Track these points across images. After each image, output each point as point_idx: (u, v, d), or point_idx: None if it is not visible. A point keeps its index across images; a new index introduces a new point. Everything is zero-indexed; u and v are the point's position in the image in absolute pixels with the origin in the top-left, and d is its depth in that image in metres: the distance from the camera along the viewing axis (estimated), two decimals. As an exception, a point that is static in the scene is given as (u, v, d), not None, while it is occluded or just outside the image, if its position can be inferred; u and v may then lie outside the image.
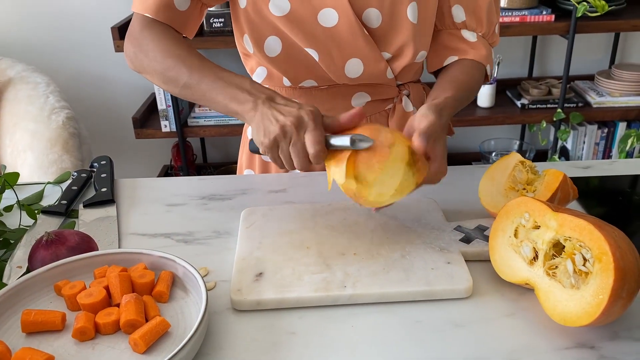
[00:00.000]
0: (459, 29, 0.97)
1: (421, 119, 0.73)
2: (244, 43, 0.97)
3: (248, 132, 1.09)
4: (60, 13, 2.39)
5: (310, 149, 0.70)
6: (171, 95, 2.21)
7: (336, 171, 0.70)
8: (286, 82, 0.98)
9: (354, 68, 0.94)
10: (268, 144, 0.73)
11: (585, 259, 0.60)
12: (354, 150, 0.69)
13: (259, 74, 1.01)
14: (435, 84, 0.93)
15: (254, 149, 0.83)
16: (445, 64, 0.99)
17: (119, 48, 2.13)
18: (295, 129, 0.71)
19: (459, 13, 0.95)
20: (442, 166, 0.74)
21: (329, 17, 0.89)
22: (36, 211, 0.88)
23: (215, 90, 0.79)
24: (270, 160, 0.84)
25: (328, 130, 0.73)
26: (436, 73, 1.03)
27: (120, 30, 2.12)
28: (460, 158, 2.64)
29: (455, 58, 0.97)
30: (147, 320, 0.63)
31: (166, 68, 0.84)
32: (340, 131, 0.73)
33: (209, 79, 0.80)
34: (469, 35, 0.97)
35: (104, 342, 0.62)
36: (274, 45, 0.93)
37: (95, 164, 1.03)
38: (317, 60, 0.92)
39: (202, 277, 0.67)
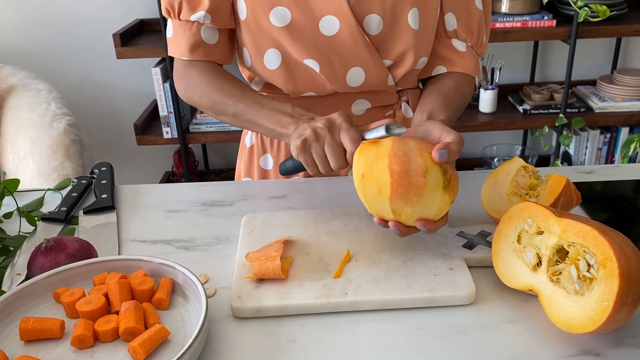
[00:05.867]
0: (450, 37, 0.97)
1: (445, 133, 0.71)
2: (244, 57, 0.97)
3: (246, 140, 1.09)
4: (62, 20, 2.40)
5: (350, 147, 0.73)
6: (172, 102, 2.22)
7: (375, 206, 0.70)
8: (285, 91, 0.98)
9: (356, 77, 0.93)
10: (299, 145, 0.76)
11: (589, 265, 0.60)
12: (391, 184, 0.66)
13: (257, 82, 1.01)
14: (425, 97, 0.92)
15: (284, 170, 0.87)
16: (433, 73, 0.99)
17: (120, 55, 2.13)
18: (328, 131, 0.75)
19: (451, 21, 0.95)
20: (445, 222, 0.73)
21: (330, 25, 0.89)
22: (36, 218, 0.88)
23: (260, 117, 0.86)
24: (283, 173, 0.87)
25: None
26: (423, 81, 1.03)
27: (122, 37, 2.13)
28: (462, 164, 2.63)
29: (444, 69, 0.98)
30: (146, 328, 0.62)
31: (214, 103, 0.92)
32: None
33: (254, 108, 0.88)
34: (459, 45, 0.97)
35: (102, 350, 0.61)
36: (273, 58, 0.93)
37: (96, 170, 1.02)
38: (317, 71, 0.92)
39: (202, 284, 0.66)
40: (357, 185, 0.71)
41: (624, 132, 2.45)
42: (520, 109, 2.38)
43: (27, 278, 0.73)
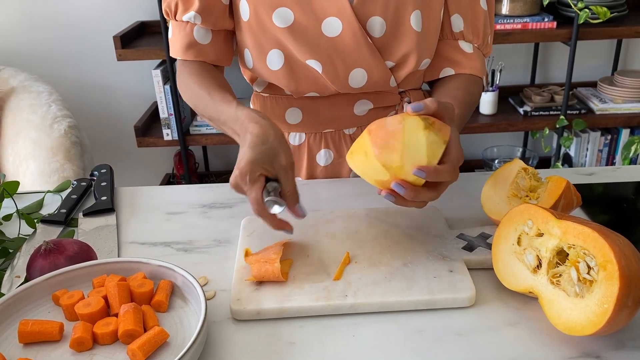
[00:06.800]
0: (456, 39, 0.96)
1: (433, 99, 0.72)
2: (245, 58, 0.97)
3: None
4: (63, 22, 2.40)
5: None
6: (173, 104, 2.22)
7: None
8: (287, 92, 0.98)
9: (358, 78, 0.93)
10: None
11: (589, 267, 0.60)
12: (370, 139, 0.69)
13: (259, 83, 1.01)
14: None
15: None
16: (441, 75, 0.99)
17: (120, 57, 2.14)
18: (240, 191, 0.75)
19: (458, 22, 0.95)
20: (453, 173, 0.71)
21: (332, 27, 0.89)
22: (35, 220, 0.88)
23: (224, 127, 0.87)
24: None
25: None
26: (430, 83, 1.03)
27: (122, 40, 2.13)
28: (462, 165, 2.62)
29: (452, 71, 0.98)
30: (145, 330, 0.62)
31: (194, 105, 0.93)
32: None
33: (215, 115, 0.87)
34: (466, 46, 0.96)
35: (102, 352, 0.61)
36: (275, 59, 0.93)
37: (96, 173, 1.02)
38: (320, 72, 0.92)
39: (202, 287, 0.66)
40: (351, 164, 0.73)
41: (625, 134, 2.45)
42: (521, 110, 2.38)
43: (27, 280, 0.73)
